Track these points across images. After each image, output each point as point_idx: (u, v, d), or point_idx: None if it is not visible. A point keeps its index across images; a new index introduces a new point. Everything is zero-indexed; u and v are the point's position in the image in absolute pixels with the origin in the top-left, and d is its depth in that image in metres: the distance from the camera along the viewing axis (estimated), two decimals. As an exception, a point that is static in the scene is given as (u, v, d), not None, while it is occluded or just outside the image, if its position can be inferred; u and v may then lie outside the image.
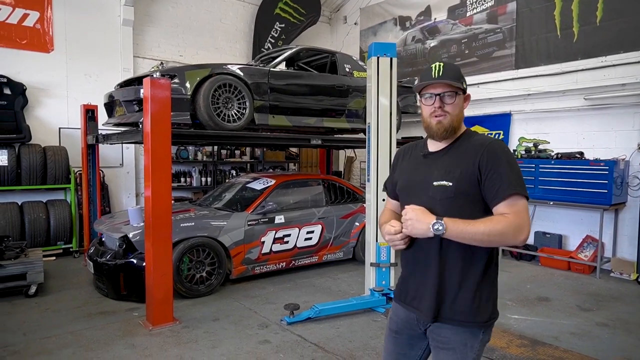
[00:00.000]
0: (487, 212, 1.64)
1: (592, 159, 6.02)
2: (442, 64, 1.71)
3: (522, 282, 5.61)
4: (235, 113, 5.04)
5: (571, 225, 6.55)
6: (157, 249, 3.96)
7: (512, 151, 1.53)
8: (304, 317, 4.14)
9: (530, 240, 6.91)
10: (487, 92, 7.44)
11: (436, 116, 1.70)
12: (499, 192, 1.58)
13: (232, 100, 5.02)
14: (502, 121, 7.31)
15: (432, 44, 8.45)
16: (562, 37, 6.54)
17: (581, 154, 6.17)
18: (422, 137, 6.80)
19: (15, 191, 6.38)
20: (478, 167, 1.62)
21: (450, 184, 1.64)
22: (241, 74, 5.16)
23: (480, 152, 1.64)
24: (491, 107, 7.49)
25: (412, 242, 1.74)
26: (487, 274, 1.71)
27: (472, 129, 7.68)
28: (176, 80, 4.73)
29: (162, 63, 5.80)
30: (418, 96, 1.79)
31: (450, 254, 1.67)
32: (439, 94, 1.68)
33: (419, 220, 1.59)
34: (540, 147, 6.70)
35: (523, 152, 6.76)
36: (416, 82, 1.76)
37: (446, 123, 1.69)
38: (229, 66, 5.13)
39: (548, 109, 6.74)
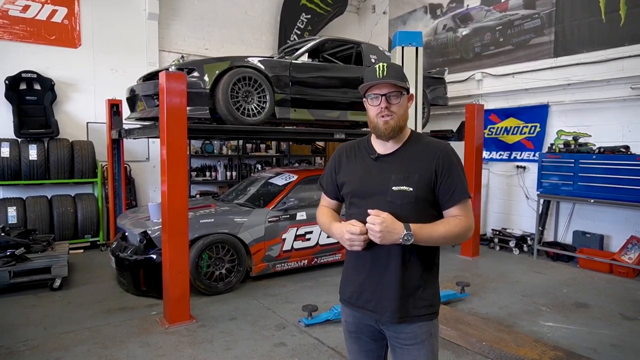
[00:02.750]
0: (435, 212, 1.74)
1: (638, 153, 5.56)
2: (385, 64, 1.73)
3: (557, 285, 5.26)
4: (255, 107, 4.92)
5: (614, 225, 6.09)
6: (173, 246, 3.89)
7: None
8: (322, 319, 3.99)
9: (568, 240, 6.49)
10: (522, 82, 7.01)
11: (382, 116, 1.71)
12: (453, 196, 1.70)
13: (252, 94, 4.90)
14: (538, 113, 6.88)
15: (464, 32, 8.06)
16: (607, 21, 6.04)
17: (626, 148, 5.71)
18: (452, 130, 6.47)
19: (45, 185, 6.52)
20: (435, 171, 1.69)
21: (411, 189, 1.68)
22: (262, 66, 5.03)
23: (436, 157, 1.71)
24: (527, 99, 7.06)
25: (370, 244, 1.72)
26: (437, 265, 1.82)
27: (507, 121, 7.34)
28: (195, 74, 4.65)
29: (182, 56, 5.74)
30: (364, 97, 1.78)
31: (413, 255, 1.72)
32: (384, 94, 1.70)
33: (390, 232, 1.60)
34: (581, 140, 6.25)
35: (561, 146, 6.33)
36: (361, 84, 1.76)
37: (393, 123, 1.71)
38: (249, 59, 5.00)
39: (590, 99, 6.27)
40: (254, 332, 3.83)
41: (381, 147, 1.79)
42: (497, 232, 7.17)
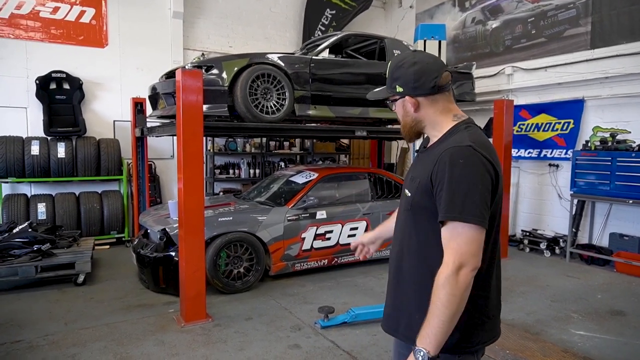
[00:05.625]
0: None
1: (683, 151, 5.20)
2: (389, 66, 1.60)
3: (591, 290, 4.97)
4: (273, 104, 4.86)
5: (655, 227, 5.72)
6: (189, 245, 3.88)
7: (471, 159, 1.23)
8: (339, 321, 3.89)
9: (604, 243, 6.14)
10: (556, 76, 6.67)
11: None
12: (440, 211, 1.37)
13: (270, 91, 4.83)
14: (573, 108, 6.52)
15: (494, 25, 7.74)
16: (649, 10, 5.66)
17: (670, 145, 5.34)
18: (480, 128, 6.27)
19: (73, 182, 6.68)
20: (431, 178, 1.42)
21: (410, 194, 1.51)
22: (281, 63, 4.96)
23: (435, 161, 1.41)
24: (560, 93, 6.72)
25: (393, 240, 1.65)
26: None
27: (538, 117, 6.99)
28: (214, 71, 4.62)
29: (203, 54, 5.75)
30: None
31: (422, 271, 1.48)
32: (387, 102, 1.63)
33: None
34: (619, 137, 5.89)
35: (597, 143, 5.98)
36: None
37: (404, 131, 1.62)
38: (268, 55, 4.94)
39: (630, 93, 5.88)
40: (269, 333, 3.78)
41: (425, 143, 1.65)
42: (527, 233, 6.86)
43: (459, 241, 1.32)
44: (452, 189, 1.34)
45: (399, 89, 1.53)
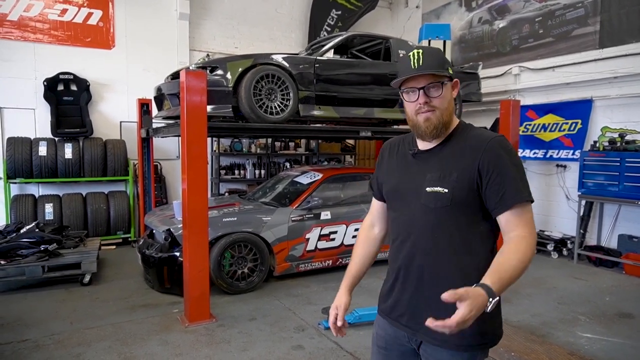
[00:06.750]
0: (485, 220, 1.47)
1: (693, 151, 5.11)
2: (421, 50, 1.46)
3: (599, 293, 4.90)
4: (278, 105, 4.86)
5: (665, 229, 5.64)
6: (193, 245, 3.89)
7: (513, 148, 1.44)
8: (342, 322, 3.87)
9: (613, 244, 6.06)
10: (564, 76, 6.60)
11: (422, 112, 1.47)
12: (504, 198, 1.39)
13: (275, 92, 4.84)
14: (581, 108, 6.45)
15: (501, 25, 7.69)
16: (659, 8, 5.58)
17: (680, 145, 5.26)
18: (486, 128, 6.21)
19: (80, 183, 6.74)
20: (478, 169, 1.42)
21: (446, 190, 1.44)
22: (285, 64, 4.96)
23: (480, 152, 1.42)
24: (568, 93, 6.64)
25: (403, 239, 1.56)
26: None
27: (545, 117, 6.94)
28: (218, 72, 4.63)
29: (208, 55, 5.78)
30: (400, 92, 1.53)
31: (463, 265, 1.46)
32: (422, 88, 1.45)
33: (478, 312, 1.23)
34: (628, 137, 5.81)
35: (606, 144, 5.91)
36: (395, 78, 1.51)
37: (435, 120, 1.47)
38: (272, 56, 4.94)
39: (639, 93, 5.81)
40: (272, 334, 3.77)
41: (423, 143, 1.57)
42: (535, 235, 6.78)
43: (529, 217, 1.42)
44: (514, 173, 1.41)
45: (450, 71, 1.49)
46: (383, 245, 1.86)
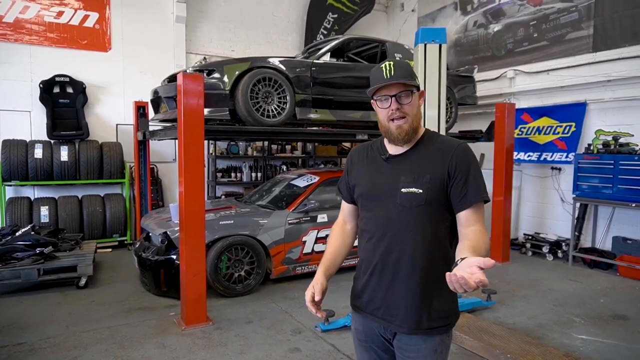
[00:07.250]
0: (450, 215, 1.64)
1: (686, 154, 5.17)
2: (391, 62, 1.62)
3: (594, 294, 4.94)
4: (275, 108, 4.87)
5: (658, 231, 5.69)
6: (189, 248, 3.89)
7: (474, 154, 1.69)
8: (339, 324, 3.89)
9: (607, 246, 6.11)
10: (558, 79, 6.66)
11: (394, 119, 1.62)
12: (467, 198, 1.58)
13: (272, 95, 4.85)
14: (574, 112, 6.50)
15: (496, 29, 7.74)
16: (651, 13, 5.64)
17: (672, 148, 5.31)
18: (481, 131, 6.21)
19: (76, 185, 6.72)
20: (447, 171, 1.59)
21: (421, 190, 1.59)
22: (282, 67, 4.98)
23: (449, 157, 1.60)
24: (562, 96, 6.70)
25: (380, 237, 1.66)
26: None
27: (540, 120, 6.98)
28: (215, 75, 4.65)
29: (205, 58, 5.79)
30: (372, 100, 1.68)
31: (434, 256, 1.61)
32: (394, 95, 1.60)
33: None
34: (622, 140, 5.87)
35: (600, 147, 5.96)
36: (369, 87, 1.65)
37: (407, 127, 1.62)
38: (269, 59, 4.96)
39: (633, 96, 5.86)
40: (269, 337, 3.78)
41: (394, 148, 1.71)
42: (530, 237, 6.83)
43: (483, 214, 1.62)
44: (476, 177, 1.60)
45: (418, 82, 1.65)
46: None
